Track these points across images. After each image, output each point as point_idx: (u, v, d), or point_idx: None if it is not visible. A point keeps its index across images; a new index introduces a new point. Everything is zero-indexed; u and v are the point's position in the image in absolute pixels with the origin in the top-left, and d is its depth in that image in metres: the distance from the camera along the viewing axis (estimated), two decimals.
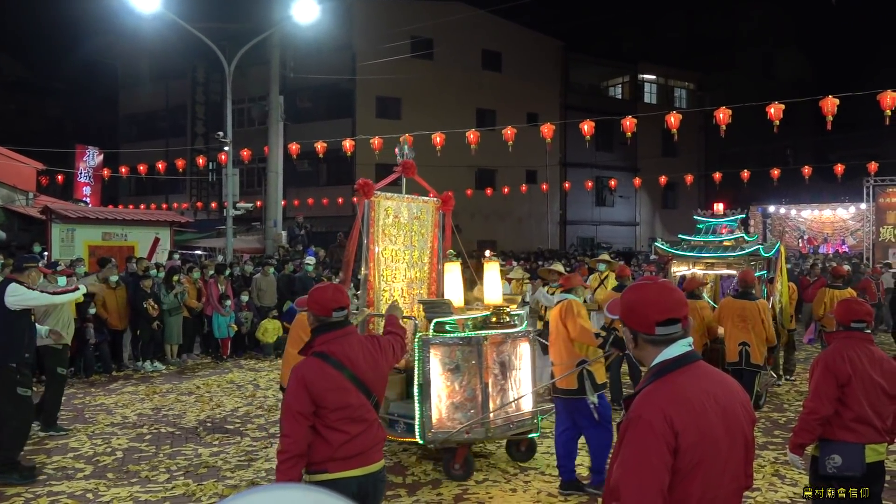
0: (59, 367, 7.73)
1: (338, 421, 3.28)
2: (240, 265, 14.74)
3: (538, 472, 6.33)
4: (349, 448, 3.30)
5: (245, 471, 6.39)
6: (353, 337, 3.49)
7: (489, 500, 5.66)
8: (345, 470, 3.29)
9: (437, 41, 30.90)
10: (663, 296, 2.28)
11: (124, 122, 38.36)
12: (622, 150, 35.86)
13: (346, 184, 30.16)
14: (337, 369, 3.31)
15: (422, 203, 7.56)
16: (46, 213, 14.75)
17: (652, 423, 2.10)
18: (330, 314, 3.43)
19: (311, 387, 3.25)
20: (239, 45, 18.61)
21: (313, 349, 3.40)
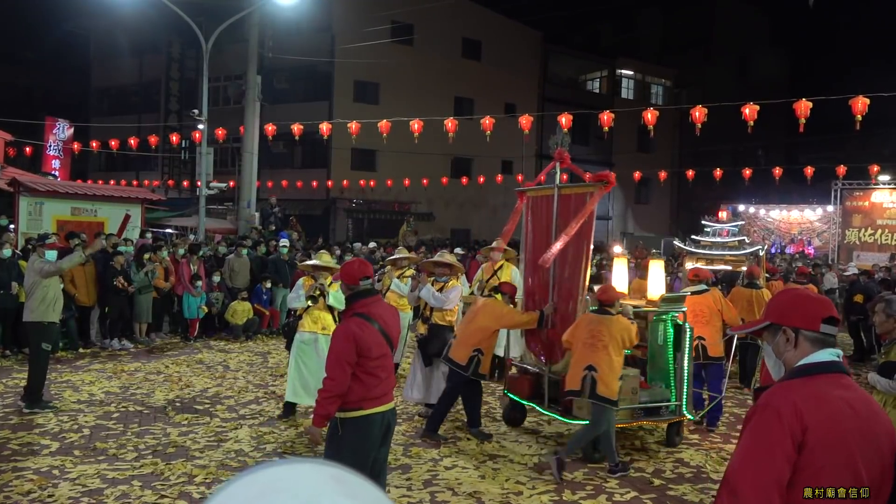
0: (44, 343, 7.62)
1: (374, 367, 4.11)
2: (212, 245, 14.58)
3: (507, 459, 6.41)
4: (378, 389, 4.14)
5: (214, 451, 6.37)
6: (381, 302, 4.45)
7: (458, 485, 5.72)
8: (375, 407, 4.13)
9: (417, 27, 30.74)
10: (820, 297, 2.31)
11: (96, 95, 37.57)
12: (598, 144, 36.05)
13: (321, 167, 29.99)
14: (374, 326, 4.14)
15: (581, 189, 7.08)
16: (14, 185, 14.43)
17: (780, 412, 1.97)
18: (358, 283, 4.28)
19: (359, 340, 4.04)
20: (217, 21, 18.34)
21: (354, 311, 4.20)
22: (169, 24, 26.71)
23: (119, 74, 35.49)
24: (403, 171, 28.45)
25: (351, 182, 29.34)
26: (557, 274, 7.11)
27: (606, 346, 6.04)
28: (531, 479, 5.92)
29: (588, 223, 6.74)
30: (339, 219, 30.54)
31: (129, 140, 25.32)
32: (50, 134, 24.13)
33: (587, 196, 6.83)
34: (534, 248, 7.48)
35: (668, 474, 6.16)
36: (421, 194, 30.50)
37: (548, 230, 7.24)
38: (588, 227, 6.75)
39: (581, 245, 6.79)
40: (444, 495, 5.50)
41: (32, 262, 7.89)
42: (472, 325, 7.00)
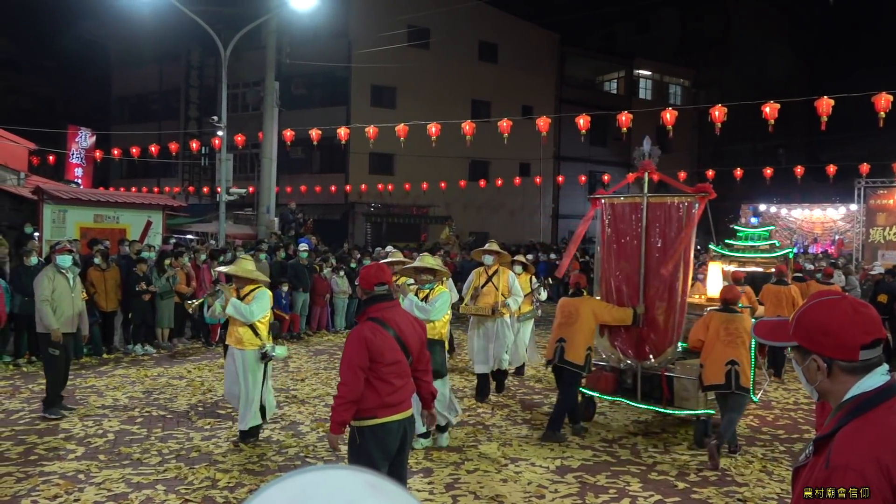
0: (51, 349, 7.71)
1: (387, 374, 4.04)
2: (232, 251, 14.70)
3: (529, 463, 6.38)
4: (393, 397, 4.07)
5: (237, 455, 6.41)
6: (398, 308, 4.36)
7: (480, 489, 5.71)
8: (390, 415, 4.07)
9: (433, 31, 30.79)
10: (860, 313, 1.85)
11: (116, 103, 38.06)
12: (616, 146, 35.91)
13: (339, 171, 30.13)
14: (388, 331, 4.08)
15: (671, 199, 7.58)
16: (38, 193, 14.64)
17: (865, 475, 1.65)
18: (373, 288, 4.24)
19: (371, 345, 3.99)
20: (235, 29, 18.50)
21: (368, 315, 4.17)
22: (188, 33, 26.97)
23: (139, 82, 35.92)
24: (421, 175, 28.50)
25: (369, 186, 29.44)
26: (649, 277, 7.48)
27: (744, 341, 6.64)
28: (553, 482, 5.88)
29: (688, 232, 7.27)
30: (357, 223, 30.65)
31: (149, 147, 25.59)
32: (72, 142, 24.46)
33: (682, 205, 7.38)
34: (618, 253, 7.81)
35: (693, 477, 6.10)
36: (439, 197, 30.53)
37: (635, 237, 7.63)
38: (687, 235, 7.27)
39: (678, 251, 7.26)
40: (466, 499, 5.49)
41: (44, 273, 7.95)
42: (576, 325, 7.17)
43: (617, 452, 6.73)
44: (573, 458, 6.52)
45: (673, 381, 7.24)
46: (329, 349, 12.30)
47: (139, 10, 22.14)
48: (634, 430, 7.51)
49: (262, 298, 6.71)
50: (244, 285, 6.79)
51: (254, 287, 6.78)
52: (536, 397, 9.07)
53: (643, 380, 7.44)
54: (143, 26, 29.48)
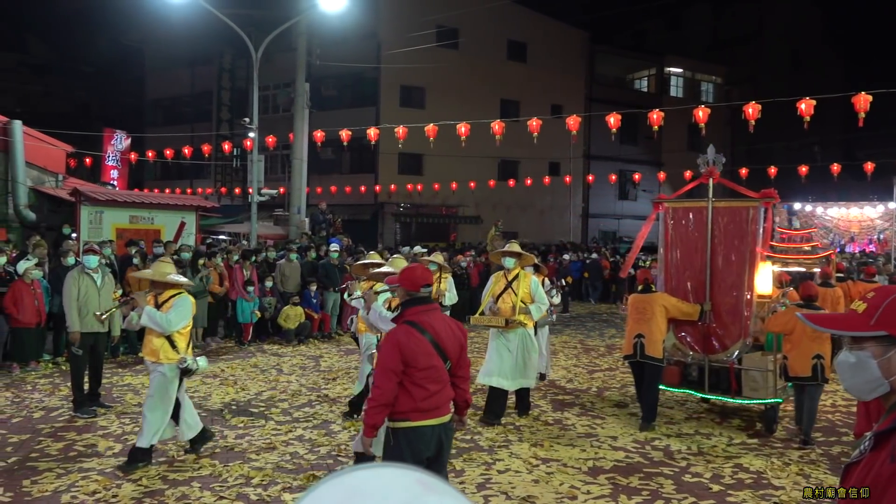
0: (73, 348, 7.85)
1: (422, 379, 3.98)
2: (265, 251, 14.87)
3: (561, 463, 6.35)
4: (428, 402, 4.01)
5: (270, 454, 6.47)
6: (436, 312, 4.25)
7: (511, 489, 5.69)
8: (424, 420, 4.01)
9: (462, 31, 30.79)
10: None
11: (151, 106, 38.67)
12: (647, 144, 35.57)
13: (369, 172, 30.27)
14: (424, 336, 4.00)
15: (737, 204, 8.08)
16: (76, 195, 14.92)
17: None
18: (419, 290, 4.17)
19: (404, 349, 3.93)
20: (266, 31, 18.69)
21: (404, 318, 4.10)
22: (220, 36, 27.32)
23: (173, 85, 36.47)
24: (450, 175, 28.51)
25: (398, 186, 29.53)
26: (715, 276, 7.93)
27: (828, 336, 6.97)
28: (585, 483, 5.85)
29: (754, 234, 7.71)
30: (386, 223, 30.77)
31: (182, 149, 25.96)
32: (108, 145, 24.89)
33: (748, 210, 7.80)
34: (682, 253, 8.25)
35: (728, 480, 6.01)
36: (468, 197, 30.51)
37: (700, 239, 8.05)
38: (753, 237, 7.72)
39: (744, 252, 7.75)
40: (497, 500, 5.48)
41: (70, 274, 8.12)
42: (652, 321, 7.57)
43: (650, 454, 6.67)
44: (605, 459, 6.48)
45: (741, 372, 7.69)
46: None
47: (172, 15, 22.47)
48: (668, 432, 7.43)
49: (182, 306, 6.08)
50: (163, 291, 6.16)
51: (174, 293, 6.17)
52: (567, 398, 9.03)
53: (711, 372, 7.86)
54: (176, 30, 29.97)
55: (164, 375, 6.05)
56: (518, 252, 8.09)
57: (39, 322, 10.15)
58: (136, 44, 38.07)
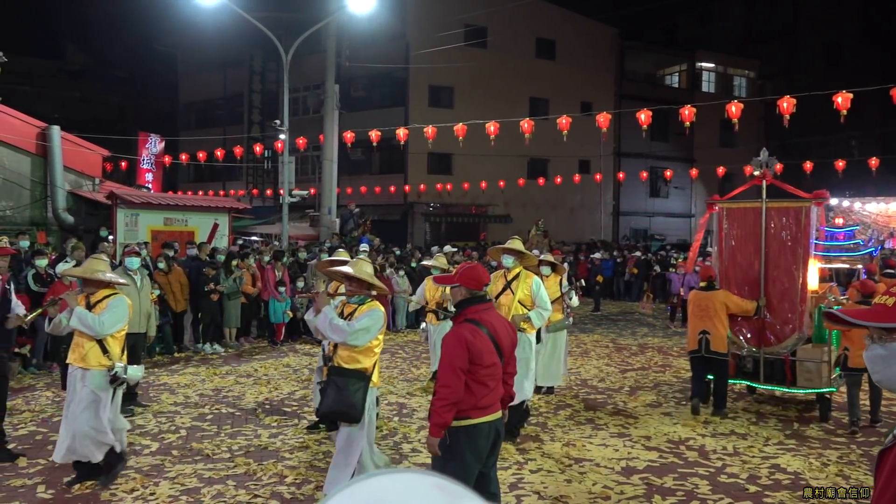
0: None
1: (485, 377, 4.02)
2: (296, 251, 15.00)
3: (594, 463, 6.30)
4: (487, 399, 4.06)
5: (303, 453, 6.53)
6: (494, 310, 4.36)
7: (544, 489, 5.67)
8: (483, 416, 4.05)
9: (490, 29, 30.73)
10: None
11: (183, 109, 39.25)
12: (678, 141, 35.17)
13: (398, 172, 30.37)
14: (486, 334, 4.05)
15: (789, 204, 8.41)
16: (112, 198, 15.23)
17: None
18: (481, 288, 4.24)
19: (471, 347, 3.97)
20: (295, 34, 18.85)
21: (466, 317, 4.13)
22: (250, 39, 27.63)
23: (205, 89, 36.96)
24: (480, 174, 28.48)
25: (428, 186, 29.58)
26: (769, 273, 8.33)
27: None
28: (619, 483, 5.80)
29: (807, 233, 8.13)
30: (416, 223, 30.84)
31: (215, 152, 26.30)
32: (143, 148, 25.33)
33: (801, 210, 8.17)
34: (736, 252, 8.61)
35: (764, 480, 5.92)
36: (498, 196, 30.45)
37: (754, 238, 8.42)
38: (806, 236, 8.13)
39: (797, 250, 8.16)
40: (529, 499, 5.46)
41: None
42: (716, 317, 7.94)
43: (684, 454, 6.60)
44: (639, 459, 6.42)
45: (795, 363, 8.08)
46: (391, 348, 12.41)
47: (204, 19, 22.77)
48: (703, 432, 7.34)
49: (117, 307, 5.48)
50: (95, 291, 5.55)
51: (108, 293, 5.57)
52: (600, 397, 8.96)
53: (766, 364, 8.26)
54: (208, 35, 30.38)
55: (94, 382, 5.40)
56: (518, 250, 7.29)
57: None
58: (169, 49, 38.67)
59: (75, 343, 5.48)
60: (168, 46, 38.35)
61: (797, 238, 8.18)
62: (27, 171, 16.82)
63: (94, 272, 5.53)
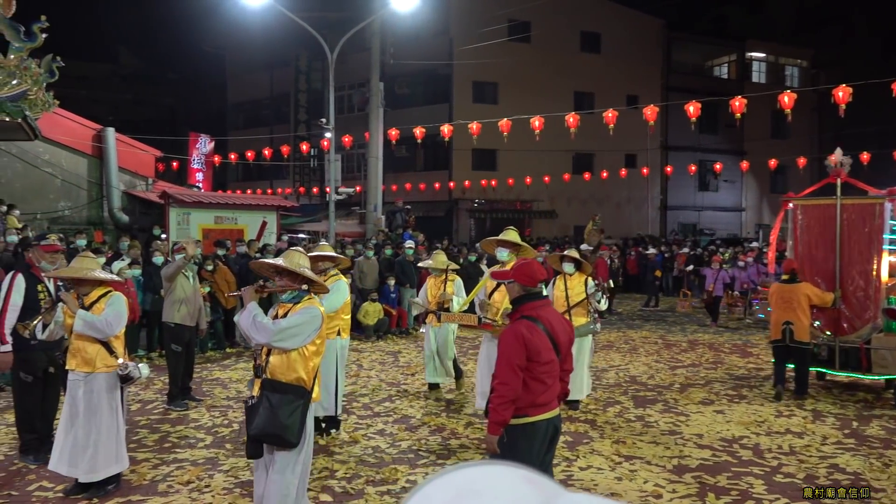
0: (173, 345, 8.21)
1: (542, 374, 3.97)
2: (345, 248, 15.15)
3: (644, 461, 6.22)
4: (544, 397, 4.01)
5: (353, 447, 6.60)
6: (550, 306, 4.29)
7: (594, 486, 5.62)
8: (540, 414, 4.01)
9: (534, 24, 30.54)
10: None
11: (232, 110, 39.99)
12: (728, 133, 34.42)
13: (443, 169, 30.42)
14: (543, 330, 4.00)
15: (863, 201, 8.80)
16: (165, 197, 15.60)
17: None
18: (536, 285, 4.17)
19: (529, 343, 3.92)
20: (340, 33, 19.01)
21: (522, 313, 4.06)
22: (296, 39, 27.98)
23: (252, 89, 37.59)
24: (524, 169, 28.36)
25: (472, 182, 29.57)
26: (845, 267, 8.77)
27: None
28: (671, 482, 5.71)
29: (881, 228, 8.51)
30: (461, 219, 30.86)
31: (262, 151, 26.74)
32: (193, 148, 25.91)
33: (875, 207, 8.57)
34: (811, 248, 9.05)
35: (823, 481, 5.76)
36: (543, 192, 30.27)
37: (829, 234, 8.85)
38: (880, 231, 8.52)
39: (871, 245, 8.57)
40: None
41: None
42: (800, 308, 8.34)
43: (738, 453, 6.46)
44: (691, 457, 6.31)
45: (870, 351, 8.43)
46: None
47: (251, 21, 23.12)
48: (757, 430, 7.18)
49: (118, 304, 5.29)
50: (89, 291, 5.33)
51: (103, 292, 5.37)
52: (649, 395, 8.84)
53: (841, 352, 8.67)
54: (255, 35, 30.89)
55: (101, 386, 5.24)
56: (514, 242, 6.80)
57: (134, 319, 10.64)
58: (218, 50, 39.44)
59: (75, 348, 5.22)
60: (216, 48, 39.12)
61: (871, 233, 8.59)
62: (84, 172, 17.35)
63: (87, 271, 5.27)
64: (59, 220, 16.59)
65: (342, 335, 6.96)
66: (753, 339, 13.48)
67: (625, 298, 20.29)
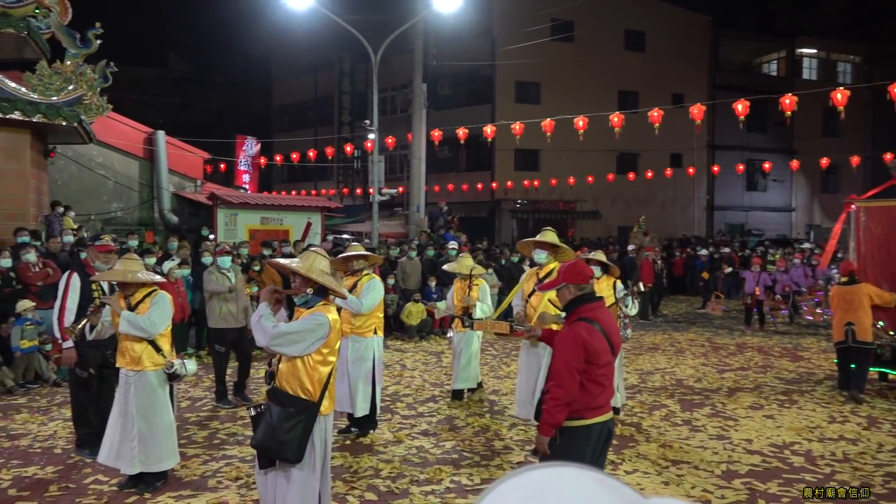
0: (216, 345, 8.35)
1: (600, 376, 3.92)
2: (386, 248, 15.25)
3: (692, 466, 6.12)
4: (600, 399, 3.97)
5: (397, 447, 6.64)
6: (605, 307, 4.18)
7: (640, 491, 5.53)
8: (596, 416, 3.96)
9: (578, 23, 30.31)
10: None
11: (277, 112, 40.59)
12: (777, 131, 33.64)
13: (485, 169, 30.39)
14: (600, 332, 3.94)
15: None
16: (213, 199, 15.92)
17: None
18: (587, 282, 4.09)
19: (588, 346, 3.86)
20: (383, 34, 19.15)
21: (580, 315, 3.99)
22: (339, 41, 28.28)
23: (297, 91, 38.11)
24: (567, 170, 28.16)
25: (515, 183, 29.47)
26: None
27: None
28: (719, 488, 5.61)
29: None
30: (503, 220, 30.79)
31: (307, 152, 27.07)
32: (240, 150, 26.36)
33: None
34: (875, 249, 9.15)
35: (879, 489, 5.59)
36: (586, 192, 30.02)
37: (893, 236, 9.00)
38: None
39: None
40: None
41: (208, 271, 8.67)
42: (860, 309, 8.49)
43: (789, 459, 6.31)
44: (740, 462, 6.19)
45: None
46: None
47: (295, 24, 23.44)
48: (809, 437, 7.01)
49: (162, 304, 5.42)
50: (134, 291, 5.46)
51: (147, 292, 5.49)
52: (696, 398, 8.69)
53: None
54: (299, 39, 31.30)
55: (151, 384, 5.38)
56: (552, 243, 6.51)
57: (183, 318, 10.87)
58: (263, 54, 40.08)
59: (123, 347, 5.39)
60: (262, 52, 39.75)
61: None
62: (136, 175, 17.81)
63: (131, 273, 5.39)
64: (112, 220, 17.07)
65: (378, 333, 7.03)
66: (804, 343, 13.15)
67: (669, 301, 19.99)
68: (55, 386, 9.00)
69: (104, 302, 5.55)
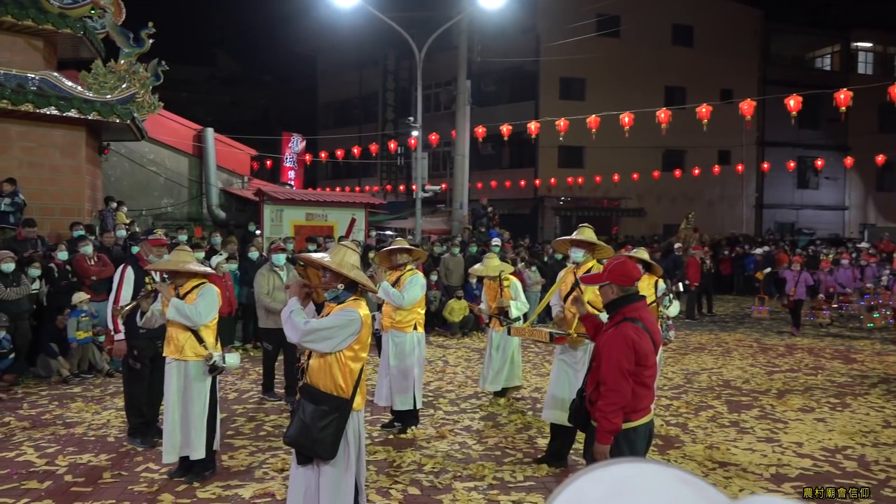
0: (264, 342, 8.47)
1: (647, 378, 3.87)
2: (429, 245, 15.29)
3: (739, 468, 6.01)
4: (646, 400, 3.92)
5: (440, 442, 6.66)
6: (647, 307, 4.12)
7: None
8: (641, 418, 3.93)
9: (623, 18, 29.92)
10: None
11: (322, 109, 41.02)
12: (830, 127, 32.73)
13: (529, 166, 30.24)
14: (646, 333, 3.86)
15: None
16: (259, 195, 16.17)
17: None
18: (633, 284, 4.00)
19: (638, 348, 3.79)
20: (428, 32, 19.18)
21: (625, 315, 3.89)
22: (384, 39, 28.44)
23: (342, 89, 38.45)
24: (612, 167, 27.85)
25: (558, 180, 29.26)
26: None
27: None
28: (769, 491, 5.49)
29: None
30: (546, 217, 30.60)
31: (351, 149, 27.30)
32: (286, 147, 26.74)
33: None
34: None
35: None
36: (631, 189, 29.65)
37: None
38: None
39: None
40: None
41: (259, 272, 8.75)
42: None
43: (841, 464, 6.15)
44: (790, 466, 6.05)
45: None
46: (523, 341, 12.36)
47: (340, 22, 23.63)
48: (862, 441, 6.81)
49: (209, 296, 5.55)
50: (184, 282, 5.63)
51: (197, 283, 5.64)
52: (744, 399, 8.52)
53: None
54: (344, 37, 31.57)
55: (190, 373, 5.52)
56: (590, 241, 6.27)
57: (231, 312, 11.07)
58: (309, 52, 40.54)
59: (169, 336, 5.56)
60: (308, 50, 40.22)
61: None
62: (185, 171, 18.20)
63: (183, 264, 5.55)
64: (162, 216, 17.48)
65: (418, 329, 7.05)
66: (857, 345, 12.78)
67: (716, 300, 19.60)
68: (108, 376, 9.27)
69: (155, 289, 5.73)
